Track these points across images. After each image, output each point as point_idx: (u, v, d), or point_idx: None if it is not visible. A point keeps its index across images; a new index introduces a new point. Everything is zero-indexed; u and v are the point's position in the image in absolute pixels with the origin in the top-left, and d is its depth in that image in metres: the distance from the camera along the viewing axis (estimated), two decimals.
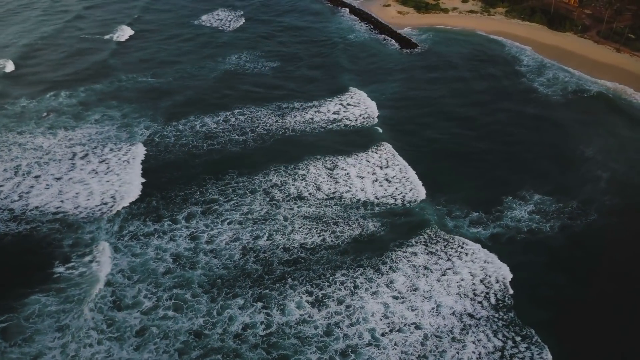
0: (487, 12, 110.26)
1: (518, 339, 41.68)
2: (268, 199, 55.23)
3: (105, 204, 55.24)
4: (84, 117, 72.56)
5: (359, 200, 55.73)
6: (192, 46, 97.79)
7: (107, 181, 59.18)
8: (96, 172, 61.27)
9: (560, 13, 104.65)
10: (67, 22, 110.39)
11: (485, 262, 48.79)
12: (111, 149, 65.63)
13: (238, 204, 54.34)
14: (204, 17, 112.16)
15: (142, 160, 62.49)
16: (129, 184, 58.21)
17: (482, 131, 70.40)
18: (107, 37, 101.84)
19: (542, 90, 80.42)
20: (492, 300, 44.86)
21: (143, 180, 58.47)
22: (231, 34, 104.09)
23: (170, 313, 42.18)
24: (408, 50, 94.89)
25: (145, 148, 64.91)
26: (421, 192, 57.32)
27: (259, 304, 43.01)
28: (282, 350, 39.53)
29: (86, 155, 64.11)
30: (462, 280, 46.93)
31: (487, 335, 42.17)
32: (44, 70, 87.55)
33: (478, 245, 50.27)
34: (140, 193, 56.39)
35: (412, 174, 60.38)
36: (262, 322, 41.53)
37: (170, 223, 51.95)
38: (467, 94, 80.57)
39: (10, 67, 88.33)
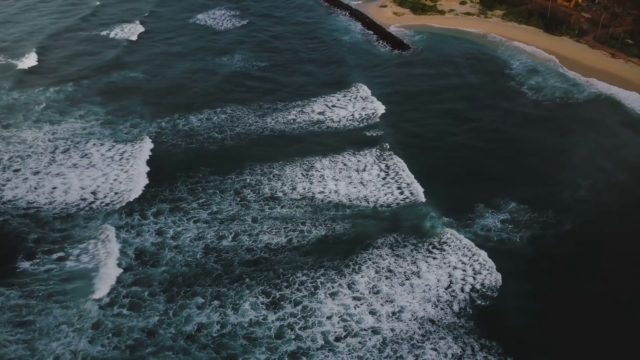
0: (484, 15, 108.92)
1: (477, 347, 41.03)
2: (239, 199, 55.25)
3: (84, 199, 55.91)
4: (70, 112, 73.39)
5: (330, 201, 55.45)
6: (187, 45, 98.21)
7: (88, 176, 59.80)
8: (76, 167, 62.05)
9: (556, 17, 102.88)
10: (77, 19, 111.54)
11: (453, 268, 48.26)
12: (94, 145, 66.55)
13: (207, 203, 54.61)
14: (200, 16, 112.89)
15: (120, 158, 63.03)
16: (104, 180, 58.93)
17: (463, 136, 69.39)
18: (103, 34, 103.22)
19: (529, 95, 79.13)
20: (455, 308, 44.18)
21: (117, 177, 59.01)
22: (226, 33, 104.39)
23: (126, 311, 42.31)
24: (397, 52, 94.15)
25: (126, 146, 65.32)
26: (396, 196, 56.96)
27: (216, 303, 43.00)
28: (231, 350, 39.47)
29: (67, 149, 64.95)
30: (426, 285, 46.41)
31: (447, 343, 41.56)
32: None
33: (447, 252, 49.61)
34: (114, 190, 56.91)
35: (382, 174, 59.96)
36: (217, 322, 41.48)
37: (140, 218, 52.45)
38: (453, 97, 79.48)
39: (30, 62, 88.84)
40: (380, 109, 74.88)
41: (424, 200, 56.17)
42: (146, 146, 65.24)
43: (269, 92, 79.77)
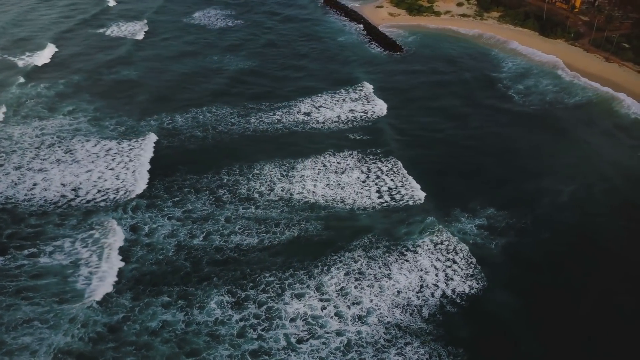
0: (480, 17, 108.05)
1: (444, 354, 40.61)
2: (213, 198, 55.43)
3: (64, 196, 56.45)
4: (57, 108, 74.12)
5: (307, 202, 55.40)
6: (181, 44, 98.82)
7: (71, 173, 60.26)
8: (61, 162, 62.69)
9: (553, 20, 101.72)
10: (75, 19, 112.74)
11: (425, 272, 47.91)
12: (79, 141, 67.13)
13: (181, 201, 54.87)
14: (196, 15, 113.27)
15: (105, 154, 63.38)
16: (87, 177, 59.47)
17: (445, 140, 68.82)
18: (98, 31, 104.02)
19: (517, 98, 78.33)
20: (425, 313, 43.81)
21: (98, 176, 59.47)
22: (219, 32, 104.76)
23: (95, 305, 42.76)
24: (387, 52, 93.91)
25: (112, 143, 65.79)
26: (374, 198, 56.74)
27: (181, 302, 43.21)
28: (194, 345, 39.72)
29: (52, 144, 65.66)
30: (397, 289, 46.13)
31: (413, 348, 41.23)
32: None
33: (421, 256, 49.31)
34: (92, 188, 57.43)
35: (363, 177, 59.59)
36: (181, 321, 41.72)
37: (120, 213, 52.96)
38: (439, 99, 78.98)
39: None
40: (366, 110, 74.62)
41: (402, 204, 55.94)
42: (127, 145, 65.67)
43: (256, 92, 79.77)
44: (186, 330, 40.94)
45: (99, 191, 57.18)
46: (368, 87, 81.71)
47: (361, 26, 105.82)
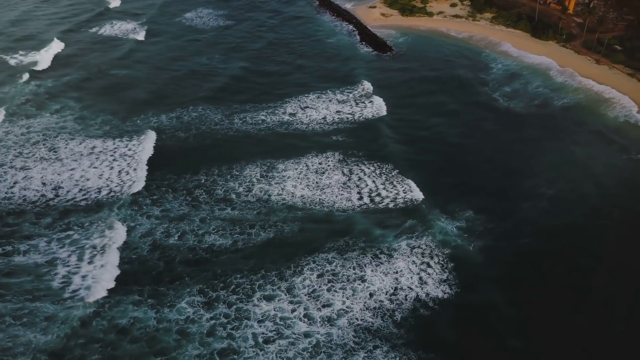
0: (473, 17, 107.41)
1: (414, 358, 40.40)
2: (190, 198, 55.60)
3: (44, 195, 56.67)
4: (46, 106, 74.54)
5: (284, 204, 55.36)
6: (172, 43, 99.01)
7: (53, 171, 60.64)
8: (45, 160, 63.04)
9: (546, 21, 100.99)
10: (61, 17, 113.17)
11: (400, 276, 47.64)
12: (64, 139, 67.38)
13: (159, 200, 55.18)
14: (188, 15, 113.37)
15: (89, 153, 63.74)
16: (69, 176, 59.86)
17: (428, 141, 68.48)
18: (92, 30, 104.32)
19: (503, 101, 77.80)
20: (397, 317, 43.55)
21: (79, 174, 59.78)
22: (211, 32, 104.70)
23: (72, 303, 43.11)
24: (375, 53, 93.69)
25: (96, 142, 66.04)
26: (353, 199, 56.56)
27: (151, 300, 43.43)
28: (163, 344, 39.97)
29: (37, 142, 65.96)
30: (369, 292, 45.96)
31: (382, 352, 41.08)
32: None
33: (397, 259, 49.05)
34: (73, 186, 57.79)
35: (344, 179, 59.40)
36: (153, 318, 41.97)
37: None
38: (425, 101, 78.57)
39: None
40: (348, 110, 74.49)
41: (381, 205, 55.74)
42: (112, 144, 66.03)
43: (243, 93, 79.62)
44: (158, 328, 41.17)
45: (80, 190, 57.55)
46: (354, 87, 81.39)
47: (352, 26, 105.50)
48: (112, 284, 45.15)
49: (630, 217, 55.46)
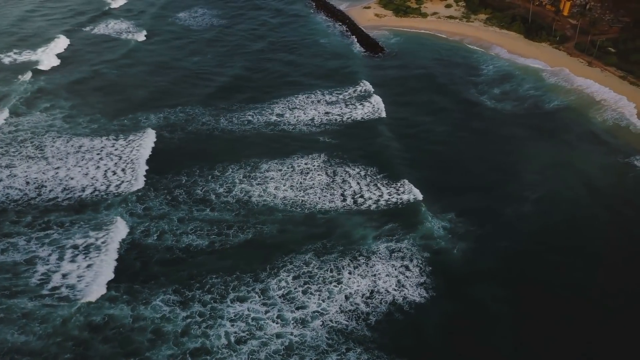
0: (467, 18, 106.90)
1: None
2: (170, 197, 55.79)
3: (26, 193, 57.03)
4: (36, 105, 74.93)
5: (265, 205, 55.32)
6: (164, 42, 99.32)
7: (39, 170, 61.00)
8: (30, 158, 63.44)
9: (538, 23, 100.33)
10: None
11: (377, 279, 47.35)
12: (52, 137, 67.70)
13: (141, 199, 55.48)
14: (181, 15, 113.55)
15: (75, 151, 64.05)
16: (53, 174, 60.28)
17: (415, 143, 68.11)
18: (92, 31, 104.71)
19: (491, 103, 77.30)
20: (371, 321, 43.40)
21: (60, 174, 60.16)
22: (204, 32, 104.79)
23: (52, 301, 43.53)
24: (367, 54, 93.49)
25: (83, 140, 66.36)
26: (336, 201, 56.45)
27: (127, 297, 43.76)
28: (136, 344, 40.16)
29: (23, 140, 66.46)
30: (345, 294, 45.82)
31: (355, 354, 40.95)
32: None
33: (376, 261, 48.86)
34: (57, 185, 58.21)
35: (326, 179, 59.27)
36: (128, 316, 42.23)
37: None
38: (412, 102, 78.29)
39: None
40: (328, 111, 74.48)
41: (363, 207, 55.57)
42: (99, 143, 66.32)
43: (233, 92, 79.82)
44: (133, 327, 41.38)
45: (64, 189, 57.82)
46: (343, 88, 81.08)
47: (345, 27, 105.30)
48: (92, 283, 45.29)
49: (616, 220, 55.16)
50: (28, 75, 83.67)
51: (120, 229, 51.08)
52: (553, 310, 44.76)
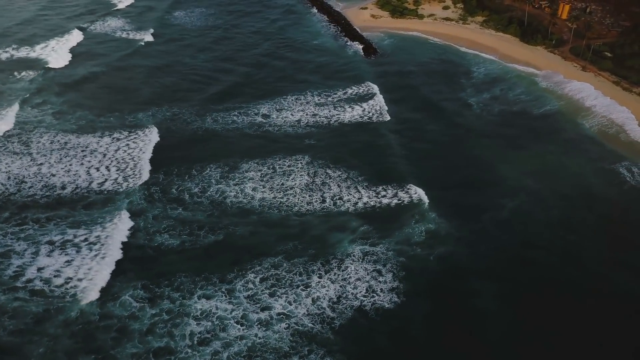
0: (464, 21, 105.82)
1: None
2: (147, 194, 56.40)
3: (7, 188, 57.99)
4: (30, 100, 76.02)
5: (240, 206, 55.35)
6: (157, 42, 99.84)
7: (22, 165, 62.02)
8: (16, 154, 64.49)
9: (534, 25, 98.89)
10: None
11: (347, 283, 47.01)
12: (39, 134, 68.69)
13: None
14: (177, 13, 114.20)
15: (60, 147, 65.00)
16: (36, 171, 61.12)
17: (398, 145, 67.62)
18: (84, 26, 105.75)
19: (477, 108, 76.39)
20: (336, 324, 43.17)
21: (47, 170, 60.92)
22: (199, 32, 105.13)
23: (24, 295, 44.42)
24: (360, 55, 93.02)
25: (70, 137, 67.19)
26: (314, 203, 56.30)
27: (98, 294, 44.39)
28: (99, 342, 40.69)
29: (10, 136, 67.71)
30: (312, 298, 45.59)
31: (317, 357, 40.86)
32: None
33: (353, 262, 48.57)
34: (38, 181, 58.96)
35: (304, 181, 59.20)
36: (96, 314, 42.79)
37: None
38: (401, 102, 77.79)
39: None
40: (328, 115, 74.28)
41: (342, 209, 55.30)
42: (77, 139, 67.15)
43: (223, 92, 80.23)
44: (97, 326, 41.98)
45: (44, 186, 58.53)
46: (332, 90, 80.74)
47: (340, 27, 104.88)
48: (64, 278, 46.01)
49: (594, 228, 54.37)
50: (25, 74, 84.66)
51: (97, 227, 51.63)
52: (535, 314, 44.33)
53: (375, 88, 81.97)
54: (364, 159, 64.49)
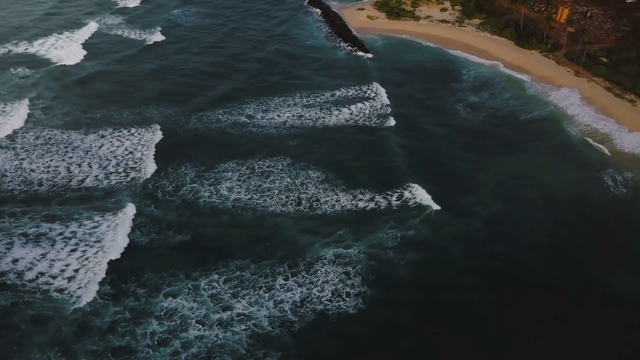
0: (460, 23, 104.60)
1: None
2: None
3: None
4: (25, 95, 76.47)
5: (213, 207, 55.29)
6: (152, 41, 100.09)
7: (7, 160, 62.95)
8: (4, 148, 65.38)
9: (530, 29, 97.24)
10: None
11: (314, 286, 46.79)
12: (27, 131, 69.44)
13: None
14: (175, 12, 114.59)
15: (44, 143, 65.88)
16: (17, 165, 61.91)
17: (381, 150, 66.90)
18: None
19: (464, 112, 75.47)
20: (295, 328, 42.97)
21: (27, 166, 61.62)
22: (195, 31, 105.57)
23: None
24: (352, 55, 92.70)
25: (56, 132, 67.95)
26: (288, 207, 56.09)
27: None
28: (63, 335, 41.25)
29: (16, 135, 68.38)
30: (275, 300, 45.41)
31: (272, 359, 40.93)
32: None
33: (322, 266, 48.35)
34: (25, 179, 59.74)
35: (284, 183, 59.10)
36: (69, 310, 43.00)
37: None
38: (399, 104, 77.26)
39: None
40: (312, 116, 74.06)
41: (319, 212, 54.99)
42: (61, 135, 67.84)
43: (217, 93, 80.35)
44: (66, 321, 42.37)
45: (22, 182, 59.30)
46: (321, 92, 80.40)
47: (334, 28, 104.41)
48: (35, 272, 46.59)
49: (574, 234, 53.92)
50: (20, 70, 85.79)
51: (72, 222, 52.09)
52: (495, 335, 43.53)
53: (365, 90, 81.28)
54: (339, 162, 63.65)
